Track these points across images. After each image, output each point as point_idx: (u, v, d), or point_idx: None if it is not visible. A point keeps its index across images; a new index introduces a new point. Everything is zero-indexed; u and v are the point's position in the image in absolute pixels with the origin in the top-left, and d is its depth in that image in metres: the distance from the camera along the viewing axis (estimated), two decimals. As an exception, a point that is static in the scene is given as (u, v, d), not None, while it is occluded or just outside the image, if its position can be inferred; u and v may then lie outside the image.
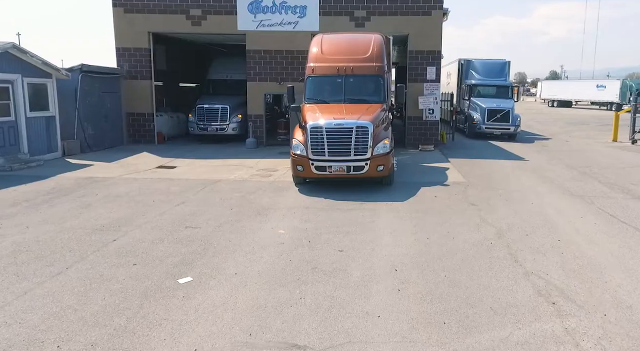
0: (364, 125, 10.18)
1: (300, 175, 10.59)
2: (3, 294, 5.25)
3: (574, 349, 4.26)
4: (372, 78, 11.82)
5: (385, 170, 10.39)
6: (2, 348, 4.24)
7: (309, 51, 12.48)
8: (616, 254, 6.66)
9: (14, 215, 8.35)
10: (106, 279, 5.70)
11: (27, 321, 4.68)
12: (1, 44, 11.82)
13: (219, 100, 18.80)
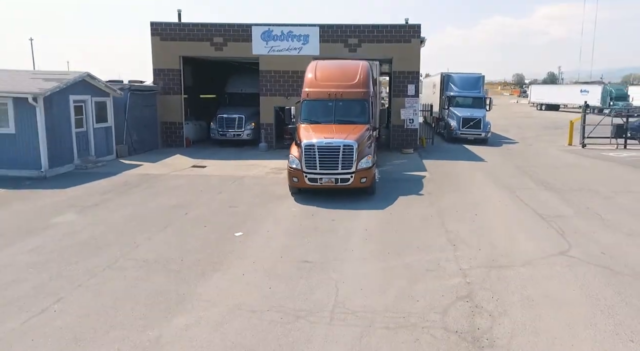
0: (350, 144, 12.17)
1: (296, 185, 12.49)
2: (140, 239, 9.02)
3: (455, 263, 8.04)
4: (359, 102, 13.88)
5: (367, 182, 12.36)
6: (158, 259, 8.02)
7: (305, 75, 14.82)
8: (507, 223, 10.45)
9: (111, 199, 12.15)
10: (191, 234, 9.48)
11: (158, 251, 8.45)
12: (79, 73, 15.60)
13: (236, 111, 22.56)
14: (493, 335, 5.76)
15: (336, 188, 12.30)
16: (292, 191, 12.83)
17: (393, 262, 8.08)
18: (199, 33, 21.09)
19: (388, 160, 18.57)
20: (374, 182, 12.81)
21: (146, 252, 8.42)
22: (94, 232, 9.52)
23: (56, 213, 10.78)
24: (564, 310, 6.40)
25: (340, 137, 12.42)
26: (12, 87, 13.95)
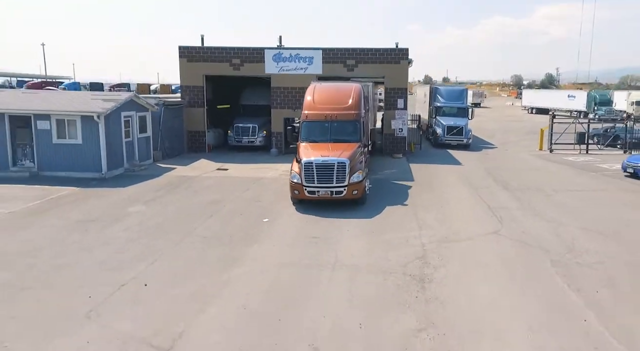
0: (343, 161, 13.97)
1: (297, 197, 14.25)
2: (192, 226, 12.62)
3: (419, 239, 11.63)
4: (351, 123, 15.69)
5: (359, 194, 14.18)
6: (214, 236, 11.63)
7: (305, 97, 16.72)
8: (463, 213, 14.07)
9: (163, 196, 15.77)
10: (231, 220, 13.09)
11: (211, 231, 12.05)
12: (129, 95, 19.26)
13: (250, 121, 26.16)
14: (432, 277, 9.38)
15: (332, 199, 14.19)
16: (293, 201, 14.48)
17: (375, 238, 11.70)
18: (220, 55, 24.74)
19: (380, 167, 22.14)
20: (364, 193, 14.61)
21: (203, 232, 12.04)
22: (160, 218, 13.15)
23: (128, 205, 14.41)
24: (481, 265, 10.02)
25: (335, 155, 14.23)
26: (82, 107, 17.57)
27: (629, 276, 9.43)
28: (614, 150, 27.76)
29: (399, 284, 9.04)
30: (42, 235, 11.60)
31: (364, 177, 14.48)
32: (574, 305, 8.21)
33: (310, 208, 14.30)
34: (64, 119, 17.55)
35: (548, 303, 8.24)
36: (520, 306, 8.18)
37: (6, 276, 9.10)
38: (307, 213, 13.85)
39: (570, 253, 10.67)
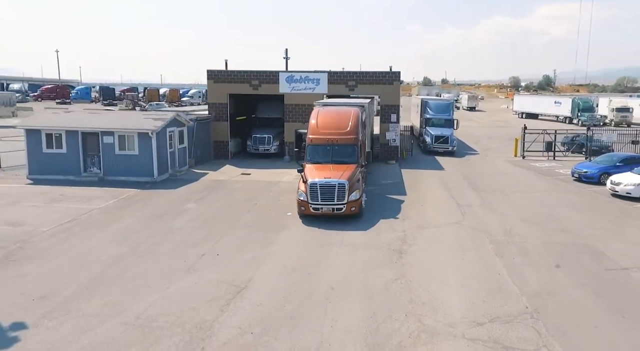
0: (343, 182, 16.23)
1: (303, 212, 16.63)
2: (236, 217, 17.18)
3: (402, 227, 16.20)
4: (350, 146, 17.95)
5: (356, 210, 16.54)
6: (254, 225, 16.20)
7: (310, 119, 19.48)
8: (437, 208, 18.63)
9: (207, 196, 20.33)
10: (263, 214, 17.64)
11: (252, 221, 16.62)
12: (173, 114, 23.82)
13: (265, 131, 30.73)
14: (407, 250, 13.93)
15: (333, 214, 16.57)
16: (300, 216, 16.81)
17: (369, 227, 16.29)
18: (241, 77, 29.36)
19: (376, 171, 26.68)
20: (361, 208, 16.91)
21: (245, 222, 16.61)
22: (211, 212, 17.73)
23: (183, 203, 18.98)
24: (441, 243, 14.59)
25: (336, 176, 16.48)
26: (138, 125, 22.14)
27: (539, 250, 14.00)
28: (578, 156, 32.25)
29: (384, 254, 13.61)
30: (132, 223, 16.18)
31: (360, 195, 16.84)
32: (495, 265, 12.79)
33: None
34: (124, 135, 22.13)
35: (479, 264, 12.83)
36: (461, 266, 12.76)
37: (126, 249, 13.68)
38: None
39: (506, 236, 15.27)
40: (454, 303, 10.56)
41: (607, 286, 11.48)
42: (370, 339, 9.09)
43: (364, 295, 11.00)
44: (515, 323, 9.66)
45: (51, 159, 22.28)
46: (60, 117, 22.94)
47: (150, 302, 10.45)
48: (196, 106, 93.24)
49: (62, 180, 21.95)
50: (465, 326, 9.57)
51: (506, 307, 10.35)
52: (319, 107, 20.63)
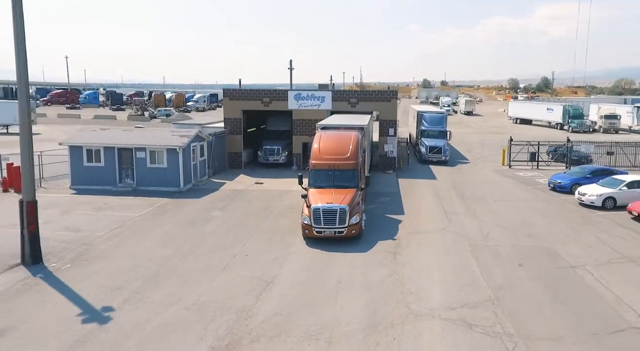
0: (344, 207, 17.32)
1: (307, 235, 17.70)
2: (257, 224, 20.30)
3: (397, 233, 19.34)
4: (350, 171, 19.00)
5: (356, 233, 17.66)
6: (273, 230, 19.33)
7: (312, 143, 20.78)
8: (428, 216, 21.76)
9: (229, 204, 23.46)
10: (280, 221, 20.74)
11: (271, 227, 19.74)
12: (197, 130, 26.93)
13: (274, 143, 33.84)
14: (401, 252, 17.06)
15: (334, 237, 17.68)
16: (304, 237, 18.00)
17: (369, 232, 19.41)
18: (254, 95, 32.53)
19: (375, 180, 29.78)
20: (361, 231, 18.05)
21: (266, 228, 19.73)
22: (235, 219, 20.84)
23: (209, 211, 22.10)
24: (430, 246, 17.71)
25: (337, 201, 17.61)
26: (167, 142, 25.26)
27: (508, 251, 17.13)
28: (560, 166, 35.33)
29: (381, 256, 16.74)
30: (170, 229, 19.32)
31: (360, 219, 17.96)
32: (471, 264, 15.91)
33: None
34: (155, 150, 25.27)
35: (457, 263, 15.96)
36: (443, 265, 15.87)
37: (171, 251, 16.81)
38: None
39: (483, 240, 18.41)
40: (434, 293, 13.69)
41: (555, 280, 14.61)
42: (370, 319, 12.21)
43: (365, 287, 14.12)
44: (480, 308, 12.79)
45: (91, 171, 25.41)
46: (98, 135, 26.05)
47: (200, 292, 13.58)
48: (201, 111, 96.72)
49: (100, 190, 25.07)
50: (442, 310, 12.69)
51: (474, 296, 13.48)
52: (321, 131, 22.05)
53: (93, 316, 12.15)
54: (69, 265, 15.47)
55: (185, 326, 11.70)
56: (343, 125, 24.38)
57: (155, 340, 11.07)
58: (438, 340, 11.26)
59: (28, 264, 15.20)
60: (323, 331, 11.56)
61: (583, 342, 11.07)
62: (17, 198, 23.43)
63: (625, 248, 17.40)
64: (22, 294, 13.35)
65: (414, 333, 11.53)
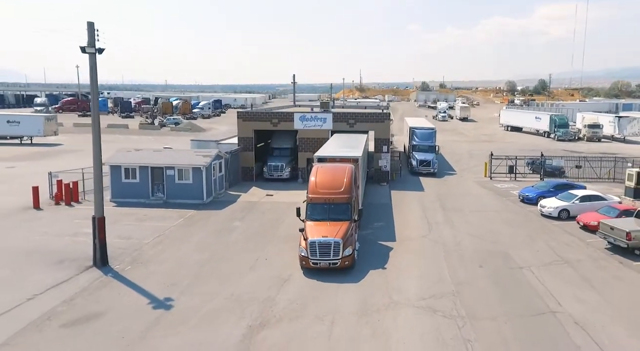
0: (338, 241, 18.71)
1: (303, 266, 19.15)
2: (273, 232, 24.74)
3: (384, 241, 23.80)
4: (344, 205, 20.32)
5: (349, 264, 19.05)
6: (287, 237, 23.76)
7: (310, 176, 21.94)
8: (413, 225, 26.24)
9: (247, 215, 27.91)
10: (292, 230, 25.07)
11: (286, 233, 24.18)
12: (216, 151, 31.38)
13: (278, 160, 37.96)
14: (389, 255, 21.51)
15: (329, 268, 19.07)
16: (301, 267, 19.42)
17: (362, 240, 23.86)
18: (264, 117, 37.06)
19: (371, 192, 34.23)
20: (353, 262, 19.50)
21: (280, 236, 24.14)
22: (253, 229, 25.28)
23: (231, 221, 26.54)
24: (411, 251, 22.17)
25: (332, 234, 19.02)
26: (192, 162, 29.73)
27: (473, 255, 21.56)
28: (535, 177, 39.76)
29: (373, 260, 21.16)
30: (203, 237, 23.77)
31: (353, 250, 19.41)
32: (442, 265, 20.34)
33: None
34: (182, 168, 29.76)
35: (432, 264, 20.39)
36: (421, 266, 20.30)
37: (207, 256, 21.24)
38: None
39: (455, 246, 22.86)
40: (411, 288, 18.13)
41: (504, 278, 19.07)
42: (362, 306, 16.63)
43: (358, 284, 18.56)
44: (443, 298, 17.23)
45: (128, 187, 29.88)
46: (134, 155, 30.56)
47: (235, 287, 18.02)
48: (207, 118, 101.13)
49: (136, 203, 29.53)
50: (415, 300, 17.12)
51: (440, 290, 17.93)
52: (317, 164, 23.49)
53: (159, 304, 16.62)
54: (130, 266, 19.94)
55: (228, 311, 16.16)
56: (339, 156, 26.11)
57: (209, 320, 15.53)
58: (410, 321, 15.72)
59: (99, 266, 19.66)
60: (328, 315, 16.00)
61: (511, 321, 15.53)
62: (67, 210, 28.20)
63: (566, 252, 21.88)
64: (102, 289, 17.83)
65: (393, 316, 15.99)
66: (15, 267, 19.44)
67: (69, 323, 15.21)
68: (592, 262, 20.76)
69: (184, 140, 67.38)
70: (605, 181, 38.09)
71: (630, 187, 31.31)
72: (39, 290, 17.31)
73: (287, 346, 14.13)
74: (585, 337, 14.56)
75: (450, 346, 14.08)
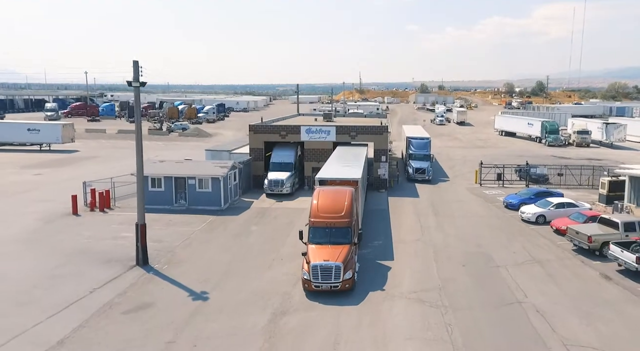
0: (339, 265, 19.65)
1: (307, 289, 19.98)
2: (287, 234, 28.30)
3: (384, 242, 27.41)
4: (344, 229, 21.28)
5: (349, 287, 20.00)
6: (297, 241, 27.39)
7: (312, 199, 22.75)
8: (408, 229, 29.85)
9: (261, 220, 31.48)
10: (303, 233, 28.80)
11: (294, 241, 27.79)
12: (232, 163, 34.96)
13: (278, 175, 39.40)
14: (386, 257, 25.10)
15: (331, 290, 19.93)
16: (304, 289, 20.29)
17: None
18: (273, 129, 40.70)
19: (370, 198, 37.80)
20: (354, 283, 20.35)
21: (292, 240, 27.63)
22: (268, 233, 28.86)
23: (249, 226, 30.12)
24: (406, 252, 25.77)
25: (333, 258, 19.97)
26: (211, 172, 33.35)
27: (458, 256, 25.13)
28: (522, 184, 43.31)
29: (372, 259, 24.74)
30: (225, 240, 27.35)
31: (353, 273, 20.37)
32: (431, 264, 23.92)
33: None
34: (202, 178, 33.38)
35: (423, 264, 23.98)
36: (413, 265, 23.87)
37: (230, 257, 24.82)
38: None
39: (444, 247, 26.46)
40: (405, 283, 21.71)
41: (483, 275, 22.67)
42: (363, 299, 20.20)
43: (362, 281, 22.14)
44: (431, 291, 20.81)
45: (154, 195, 33.42)
46: (159, 167, 34.21)
47: (257, 283, 21.60)
48: (212, 122, 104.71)
49: (161, 209, 33.08)
50: (408, 293, 20.70)
51: (429, 284, 21.51)
52: (319, 188, 24.62)
53: (197, 297, 20.21)
54: (167, 265, 23.54)
55: (254, 302, 19.75)
56: (339, 179, 27.15)
57: (240, 309, 19.13)
58: (402, 309, 19.31)
59: (141, 265, 23.23)
60: (336, 306, 19.61)
61: (485, 310, 19.15)
62: (102, 216, 31.80)
63: (538, 253, 25.50)
64: (147, 284, 21.43)
65: (389, 306, 19.59)
66: (74, 266, 23.03)
67: (127, 311, 18.81)
68: (558, 261, 24.39)
69: (193, 145, 71.35)
70: (585, 188, 41.66)
71: (604, 194, 34.91)
72: (97, 285, 20.92)
73: (304, 330, 17.68)
74: (543, 322, 18.15)
75: (434, 329, 17.67)
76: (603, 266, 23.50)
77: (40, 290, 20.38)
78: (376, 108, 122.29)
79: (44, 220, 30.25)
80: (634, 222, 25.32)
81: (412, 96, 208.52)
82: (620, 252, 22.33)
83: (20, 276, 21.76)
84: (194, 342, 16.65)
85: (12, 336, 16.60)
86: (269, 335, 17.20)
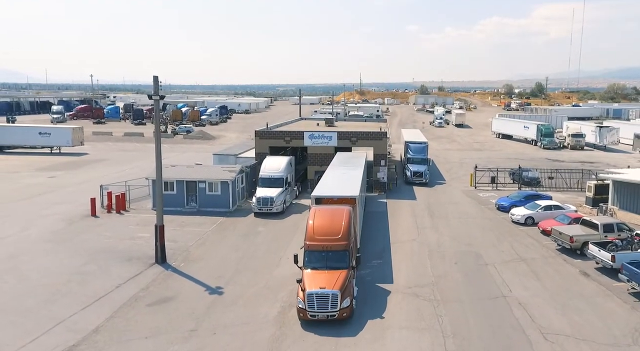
0: (336, 293, 18.42)
1: (302, 318, 18.84)
2: (294, 233, 30.43)
3: (382, 243, 29.57)
4: (341, 252, 20.05)
5: (347, 315, 18.77)
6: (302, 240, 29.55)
7: (307, 220, 21.89)
8: (405, 230, 31.99)
9: (268, 221, 33.60)
10: (304, 234, 30.94)
11: (299, 241, 29.92)
12: (240, 168, 37.12)
13: (268, 192, 38.13)
14: (384, 256, 27.24)
15: (328, 320, 18.48)
16: (299, 319, 19.05)
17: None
18: (278, 135, 42.87)
19: (370, 201, 39.94)
20: (352, 311, 19.06)
21: (297, 239, 29.76)
22: (274, 233, 31.00)
23: (256, 227, 32.26)
24: (403, 251, 27.91)
25: (330, 285, 18.64)
26: (221, 176, 35.49)
27: (451, 254, 27.26)
28: (514, 187, 45.43)
29: (372, 257, 26.87)
30: (235, 240, 29.49)
31: (351, 301, 19.03)
32: (426, 262, 26.05)
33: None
34: (212, 182, 35.54)
35: (418, 262, 26.11)
36: (409, 263, 26.00)
37: (241, 255, 26.97)
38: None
39: (438, 247, 28.59)
40: (402, 279, 23.85)
41: (472, 272, 24.81)
42: (364, 294, 22.32)
43: (361, 279, 24.26)
44: (424, 287, 22.95)
45: (166, 197, 35.22)
46: (171, 171, 36.31)
47: (267, 279, 23.73)
48: (214, 124, 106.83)
49: (173, 211, 35.20)
50: (404, 288, 22.83)
51: (423, 280, 23.65)
52: (315, 207, 23.34)
53: (213, 291, 22.36)
54: (183, 263, 25.70)
55: (265, 296, 21.90)
56: (336, 196, 25.99)
57: (252, 302, 21.27)
58: (398, 302, 21.45)
59: (160, 263, 25.38)
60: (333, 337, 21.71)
61: (473, 303, 21.29)
62: (119, 217, 33.96)
63: (524, 252, 27.65)
64: (167, 280, 23.58)
65: (386, 299, 21.73)
66: (99, 263, 25.19)
67: (151, 303, 20.97)
68: (542, 259, 26.54)
69: (197, 147, 73.57)
70: (575, 190, 43.78)
71: (590, 197, 37.07)
72: (122, 280, 23.08)
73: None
74: (524, 313, 20.29)
75: (426, 319, 19.81)
76: (583, 264, 25.64)
77: (74, 283, 22.56)
78: (376, 110, 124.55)
79: (66, 221, 32.40)
80: (612, 224, 27.48)
81: (412, 97, 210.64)
82: (597, 251, 24.48)
83: (57, 271, 24.01)
84: (213, 330, 18.79)
85: (55, 324, 18.81)
86: (280, 324, 19.34)
